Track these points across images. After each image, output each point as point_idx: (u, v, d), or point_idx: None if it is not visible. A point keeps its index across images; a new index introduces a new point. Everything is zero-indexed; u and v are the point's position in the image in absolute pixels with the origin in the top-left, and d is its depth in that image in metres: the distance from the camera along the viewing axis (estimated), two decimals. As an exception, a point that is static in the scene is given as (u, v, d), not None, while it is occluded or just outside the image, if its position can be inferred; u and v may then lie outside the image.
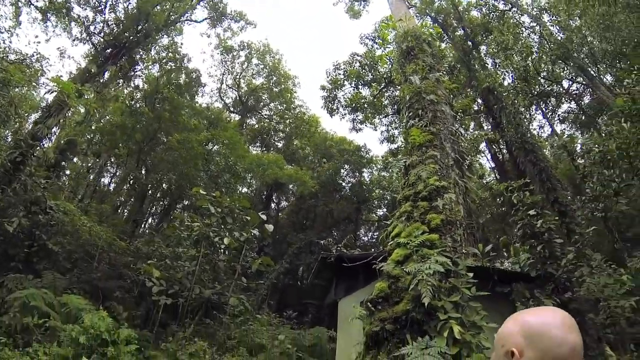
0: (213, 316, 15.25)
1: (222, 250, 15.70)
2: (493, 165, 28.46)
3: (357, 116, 28.75)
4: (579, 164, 17.92)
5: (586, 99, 26.70)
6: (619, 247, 14.54)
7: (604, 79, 22.16)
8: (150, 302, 14.93)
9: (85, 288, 14.75)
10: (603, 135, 11.70)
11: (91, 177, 27.80)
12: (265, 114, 38.42)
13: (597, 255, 9.94)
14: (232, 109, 37.26)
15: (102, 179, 31.13)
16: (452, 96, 9.65)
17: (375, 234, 32.36)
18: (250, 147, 34.07)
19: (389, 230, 5.79)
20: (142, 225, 28.40)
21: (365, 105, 28.15)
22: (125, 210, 28.27)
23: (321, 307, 21.58)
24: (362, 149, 35.55)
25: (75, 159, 27.19)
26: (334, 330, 15.02)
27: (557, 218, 9.99)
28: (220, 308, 15.36)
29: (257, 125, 38.15)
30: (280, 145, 37.55)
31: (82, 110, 23.55)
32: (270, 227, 15.41)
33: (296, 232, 28.31)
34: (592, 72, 21.06)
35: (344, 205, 31.95)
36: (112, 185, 30.46)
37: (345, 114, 28.79)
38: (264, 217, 15.52)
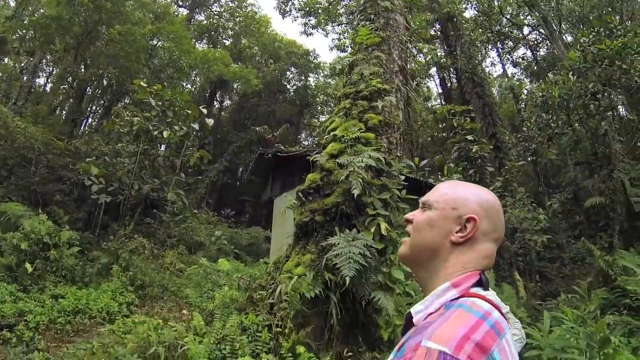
0: (153, 215, 15.23)
1: (161, 145, 15.42)
2: (440, 91, 29.03)
3: (309, 20, 28.15)
4: (521, 109, 18.53)
5: (542, 51, 27.19)
6: (542, 190, 15.48)
7: (564, 37, 22.47)
8: (91, 205, 14.66)
9: (23, 194, 14.30)
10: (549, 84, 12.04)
11: (25, 78, 25.84)
12: (215, 10, 36.58)
13: (521, 189, 10.59)
14: (180, 2, 35.30)
15: (37, 80, 29.07)
16: (408, 10, 9.47)
17: (316, 139, 32.70)
18: (196, 43, 32.59)
19: (326, 125, 5.80)
20: (82, 125, 27.25)
21: (320, 11, 27.48)
22: (64, 111, 26.74)
23: (258, 206, 21.86)
24: (311, 54, 34.98)
25: (6, 59, 25.21)
26: (269, 230, 15.38)
27: (491, 148, 10.41)
28: (160, 207, 15.34)
29: (205, 22, 36.29)
30: (227, 43, 35.96)
31: (13, 4, 21.48)
32: (210, 122, 15.10)
33: (237, 131, 28.03)
34: (554, 26, 21.23)
35: (287, 107, 31.80)
36: (49, 86, 28.54)
37: (297, 17, 28.21)
38: (204, 110, 15.17)
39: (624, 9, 17.91)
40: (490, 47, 27.17)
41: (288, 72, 34.90)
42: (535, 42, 27.06)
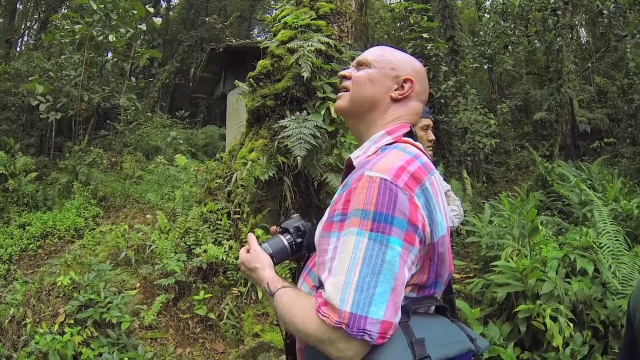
0: (107, 126, 14.70)
1: (108, 52, 14.56)
2: None
3: None
4: (482, 16, 18.36)
5: None
6: (495, 98, 15.83)
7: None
8: (41, 127, 13.92)
9: (-33, 130, 13.23)
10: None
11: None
12: None
13: (473, 90, 10.83)
14: None
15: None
16: None
17: (268, 34, 31.06)
18: None
19: (277, 14, 5.71)
20: (18, 45, 24.92)
21: None
22: (-5, 33, 24.47)
23: (213, 105, 21.40)
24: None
25: None
26: (224, 128, 15.25)
27: (449, 50, 10.45)
28: (113, 117, 14.80)
29: None
30: None
31: None
32: (158, 21, 14.32)
33: (187, 30, 26.57)
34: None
35: (239, 2, 30.07)
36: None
37: None
38: (151, 9, 14.34)
39: None
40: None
41: (240, -38, 32.20)
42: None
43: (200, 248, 4.81)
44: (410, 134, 1.38)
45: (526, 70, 15.37)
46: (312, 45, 4.67)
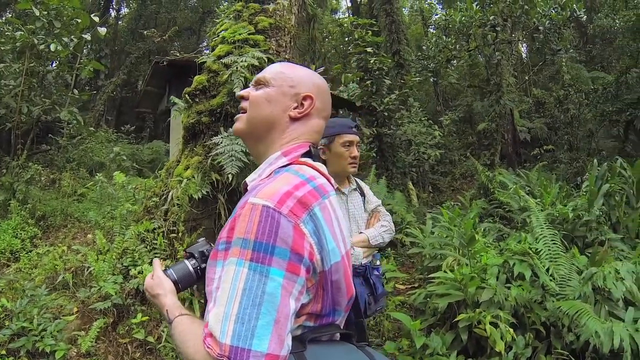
0: (49, 141, 14.08)
1: (52, 62, 14.03)
2: (350, 4, 28.76)
3: None
4: (428, 32, 18.96)
5: None
6: (440, 110, 16.35)
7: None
8: None
9: None
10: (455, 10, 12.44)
11: None
12: None
13: (416, 103, 11.13)
14: None
15: None
16: None
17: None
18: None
19: (216, 28, 5.63)
20: None
21: None
22: None
23: (158, 120, 20.94)
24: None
25: None
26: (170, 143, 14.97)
27: (394, 64, 10.69)
28: (55, 130, 14.22)
29: None
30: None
31: None
32: (103, 31, 13.92)
33: (136, 41, 26.07)
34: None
35: (188, 14, 29.84)
36: None
37: None
38: (96, 19, 13.97)
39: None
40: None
41: (189, -26, 31.68)
42: (453, -30, 27.23)
43: (136, 269, 4.65)
44: (309, 153, 1.32)
45: (467, 84, 15.92)
46: (245, 61, 4.62)
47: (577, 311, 3.61)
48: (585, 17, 18.09)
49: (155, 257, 4.86)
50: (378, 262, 3.01)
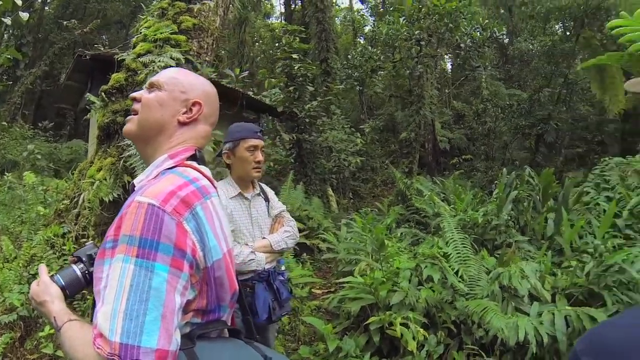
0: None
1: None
2: (284, 10, 28.88)
3: None
4: (358, 42, 19.42)
5: None
6: (363, 118, 16.78)
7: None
8: None
9: None
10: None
11: None
12: None
13: (338, 111, 11.37)
14: None
15: None
16: None
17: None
18: None
19: (140, 24, 5.47)
20: None
21: None
22: None
23: (79, 117, 19.72)
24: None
25: None
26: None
27: (315, 68, 10.83)
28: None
29: None
30: None
31: None
32: (25, 16, 13.08)
33: (61, 31, 24.36)
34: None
35: (119, 7, 28.49)
36: None
37: None
38: (19, 1, 13.06)
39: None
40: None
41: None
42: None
43: (46, 277, 4.36)
44: (194, 157, 1.37)
45: (390, 93, 16.47)
46: (162, 61, 4.52)
47: (483, 309, 3.84)
48: (507, 39, 19.47)
49: (65, 263, 4.62)
50: (283, 267, 3.02)
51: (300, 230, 6.83)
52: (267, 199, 3.04)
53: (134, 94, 1.45)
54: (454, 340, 4.14)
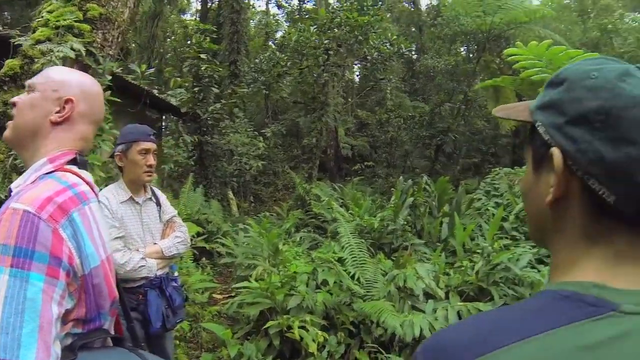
0: None
1: None
2: (200, 7, 28.00)
3: None
4: (269, 46, 19.45)
5: (310, 4, 28.31)
6: (268, 122, 16.88)
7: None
8: None
9: None
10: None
11: None
12: None
13: (241, 114, 11.38)
14: None
15: None
16: None
17: None
18: None
19: (43, 7, 5.08)
20: None
21: None
22: None
23: None
24: None
25: None
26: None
27: (222, 69, 10.71)
28: None
29: None
30: None
31: None
32: None
33: None
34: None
35: None
36: None
37: None
38: None
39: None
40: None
41: None
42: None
43: None
44: (75, 161, 1.33)
45: (294, 99, 16.74)
46: (61, 51, 4.25)
47: (377, 310, 4.06)
48: (415, 55, 20.77)
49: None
50: (176, 273, 2.97)
51: (199, 234, 6.81)
52: (158, 204, 2.96)
53: (13, 99, 1.39)
54: (354, 339, 4.31)
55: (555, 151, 0.64)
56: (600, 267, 0.62)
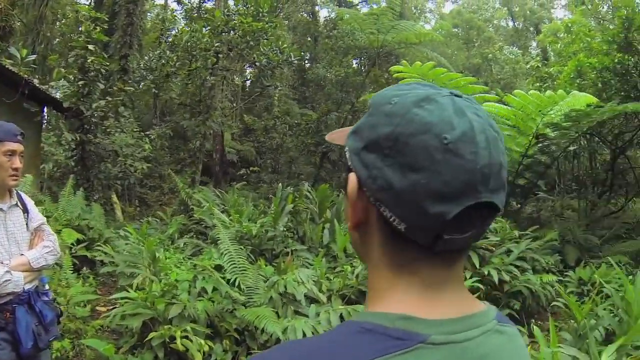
0: None
1: None
2: None
3: None
4: (163, 43, 18.69)
5: (210, 4, 27.33)
6: (155, 123, 16.32)
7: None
8: None
9: None
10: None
11: None
12: None
13: (126, 113, 10.87)
14: None
15: None
16: None
17: None
18: None
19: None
20: None
21: None
22: None
23: None
24: None
25: None
26: None
27: (109, 64, 10.11)
28: None
29: None
30: None
31: None
32: None
33: None
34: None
35: None
36: None
37: None
38: None
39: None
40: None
41: None
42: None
43: None
44: None
45: (180, 101, 16.39)
46: None
47: (258, 317, 4.17)
48: (309, 64, 21.41)
49: None
50: (47, 287, 2.75)
51: (79, 242, 6.39)
52: (25, 210, 2.73)
53: None
54: (240, 347, 4.37)
55: (351, 177, 0.63)
56: (406, 297, 0.61)
